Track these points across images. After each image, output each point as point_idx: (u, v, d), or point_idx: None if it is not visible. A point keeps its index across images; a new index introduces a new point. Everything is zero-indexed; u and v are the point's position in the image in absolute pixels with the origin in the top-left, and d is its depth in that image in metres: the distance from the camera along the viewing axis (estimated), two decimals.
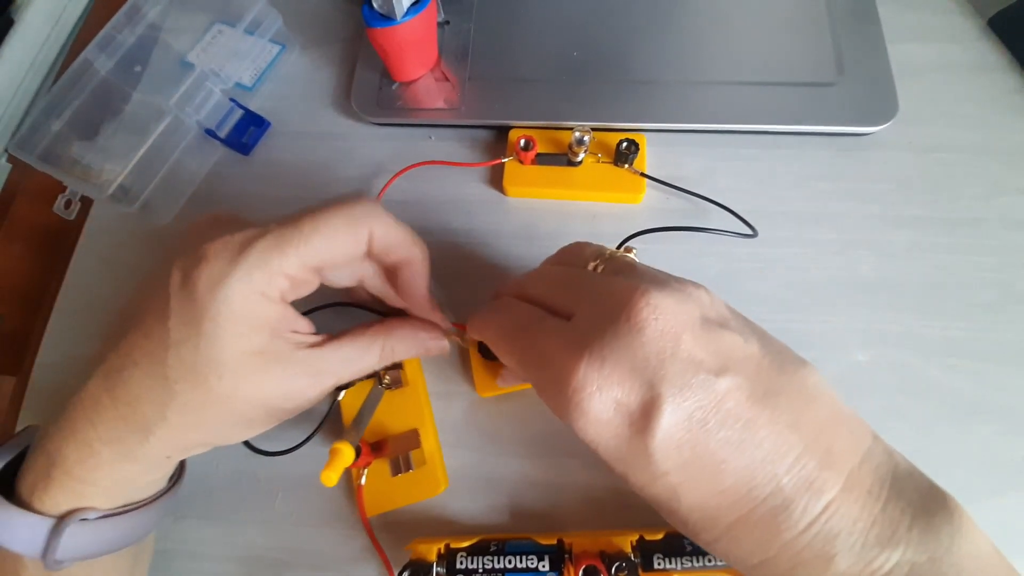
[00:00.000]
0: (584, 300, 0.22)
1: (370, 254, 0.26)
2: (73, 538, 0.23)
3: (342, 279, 0.27)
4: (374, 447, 0.31)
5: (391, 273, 0.27)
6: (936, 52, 0.39)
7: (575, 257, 0.26)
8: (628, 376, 0.19)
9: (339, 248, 0.24)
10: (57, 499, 0.23)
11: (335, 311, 0.34)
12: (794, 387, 0.20)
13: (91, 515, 0.23)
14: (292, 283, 0.23)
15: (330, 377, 0.25)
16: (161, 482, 0.26)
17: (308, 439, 0.31)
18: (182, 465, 0.29)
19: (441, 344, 0.29)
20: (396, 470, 0.30)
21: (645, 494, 0.21)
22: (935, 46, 0.39)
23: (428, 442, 0.31)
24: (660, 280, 0.21)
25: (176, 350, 0.22)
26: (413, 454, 0.30)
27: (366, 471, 0.30)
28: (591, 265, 0.24)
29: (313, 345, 0.25)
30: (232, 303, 0.22)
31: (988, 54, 0.39)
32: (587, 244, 0.27)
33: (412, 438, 0.30)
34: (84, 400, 0.23)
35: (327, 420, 0.32)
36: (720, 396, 0.19)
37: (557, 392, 0.20)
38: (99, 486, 0.23)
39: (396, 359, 0.28)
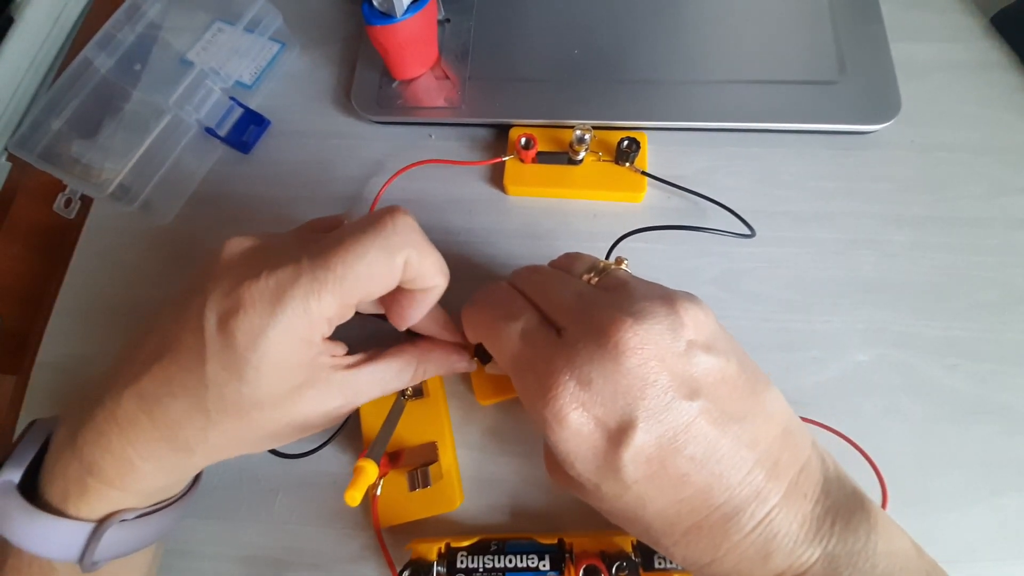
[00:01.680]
0: (575, 318, 0.23)
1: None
2: (111, 539, 0.23)
3: None
4: (391, 457, 0.30)
5: (390, 295, 0.27)
6: (938, 51, 0.39)
7: (567, 265, 0.27)
8: (610, 399, 0.21)
9: (376, 283, 0.23)
10: (94, 505, 0.23)
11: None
12: (758, 409, 0.22)
13: (128, 515, 0.24)
14: (330, 323, 0.23)
15: (364, 396, 0.26)
16: (188, 481, 0.27)
17: (326, 443, 0.30)
18: (199, 477, 0.29)
19: (469, 364, 0.30)
20: (413, 485, 0.29)
21: (613, 504, 0.22)
22: (937, 45, 0.39)
23: (446, 456, 0.30)
24: (650, 301, 0.22)
25: (217, 390, 0.22)
26: (431, 469, 0.29)
27: (382, 482, 0.29)
28: (585, 277, 0.25)
29: (350, 366, 0.25)
30: (273, 353, 0.22)
31: (991, 53, 0.39)
32: (581, 255, 0.27)
33: (430, 450, 0.30)
34: (119, 419, 0.23)
35: (344, 427, 0.31)
36: (691, 419, 0.21)
37: (541, 404, 0.21)
38: (137, 494, 0.24)
39: (426, 378, 0.29)
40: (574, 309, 0.23)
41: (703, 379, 0.21)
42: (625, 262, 0.27)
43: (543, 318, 0.24)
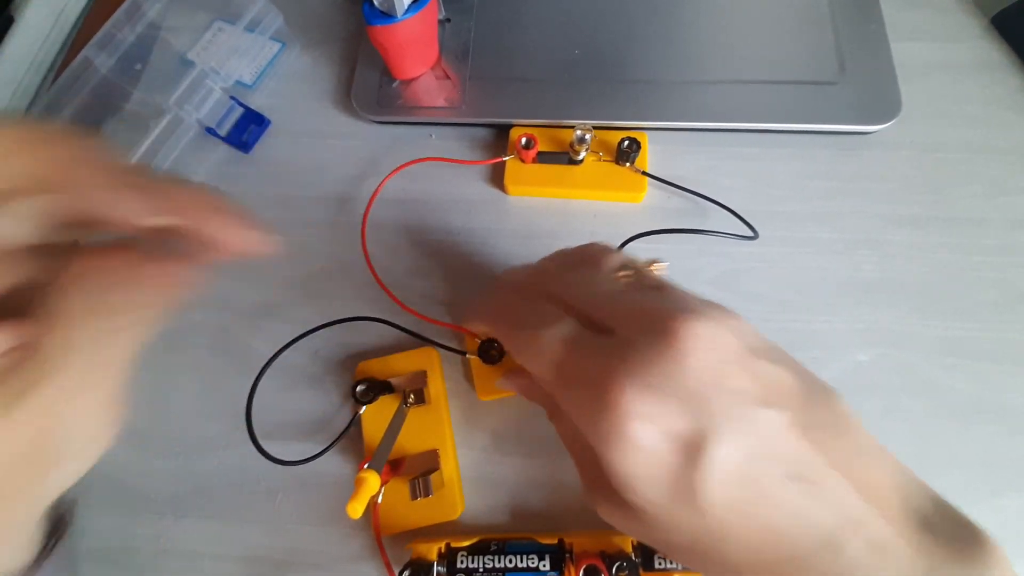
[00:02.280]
0: (623, 317, 0.20)
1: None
2: None
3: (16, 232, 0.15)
4: (392, 465, 0.30)
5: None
6: (939, 51, 0.39)
7: (594, 261, 0.24)
8: (676, 406, 0.18)
9: None
10: None
11: (349, 327, 0.33)
12: (830, 419, 0.20)
13: None
14: None
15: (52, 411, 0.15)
16: (25, 549, 0.21)
17: (326, 450, 0.30)
18: (62, 526, 0.23)
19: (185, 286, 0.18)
20: (415, 494, 0.28)
21: (681, 536, 0.19)
22: (938, 45, 0.39)
23: (447, 464, 0.30)
24: (700, 305, 0.20)
25: None
26: (432, 477, 0.29)
27: (383, 490, 0.29)
28: (621, 274, 0.23)
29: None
30: None
31: (991, 53, 0.39)
32: (608, 249, 0.25)
33: (432, 458, 0.30)
34: None
35: (345, 435, 0.31)
36: (767, 429, 0.18)
37: (600, 416, 0.19)
38: None
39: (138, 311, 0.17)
40: (620, 307, 0.21)
41: (773, 387, 0.19)
42: (664, 265, 0.25)
43: (581, 321, 0.21)
